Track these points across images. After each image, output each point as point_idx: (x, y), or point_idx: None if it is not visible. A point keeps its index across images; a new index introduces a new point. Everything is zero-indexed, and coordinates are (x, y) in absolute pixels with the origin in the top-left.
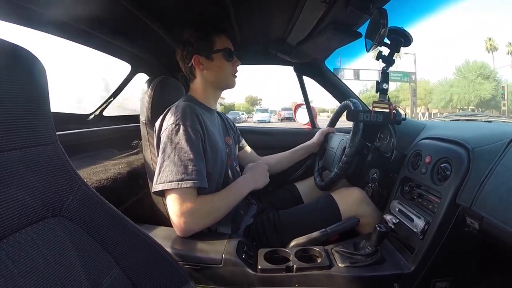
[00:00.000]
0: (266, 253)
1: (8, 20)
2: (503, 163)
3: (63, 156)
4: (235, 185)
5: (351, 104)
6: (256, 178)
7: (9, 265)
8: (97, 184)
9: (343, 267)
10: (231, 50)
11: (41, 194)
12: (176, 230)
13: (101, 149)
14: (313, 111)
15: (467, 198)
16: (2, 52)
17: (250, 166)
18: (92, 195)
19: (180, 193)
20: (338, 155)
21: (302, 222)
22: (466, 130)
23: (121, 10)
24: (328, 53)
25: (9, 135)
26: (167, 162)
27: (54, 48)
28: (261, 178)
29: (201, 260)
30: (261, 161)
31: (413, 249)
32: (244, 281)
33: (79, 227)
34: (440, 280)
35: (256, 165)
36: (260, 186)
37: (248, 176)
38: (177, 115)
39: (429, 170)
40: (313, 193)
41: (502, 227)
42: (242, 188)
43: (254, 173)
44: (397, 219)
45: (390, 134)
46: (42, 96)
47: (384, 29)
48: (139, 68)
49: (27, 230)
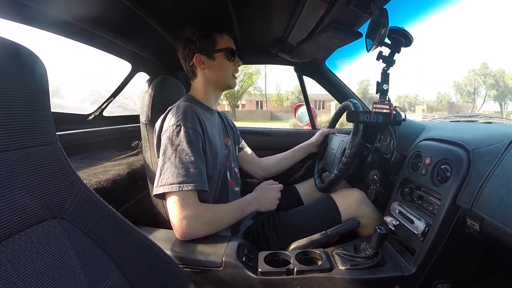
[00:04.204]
0: (266, 255)
1: (9, 18)
2: (503, 164)
3: (63, 156)
4: (241, 201)
5: (351, 104)
6: (263, 202)
7: (8, 268)
8: (97, 186)
9: (344, 269)
10: (233, 50)
11: (40, 195)
12: (176, 233)
13: (101, 150)
14: (313, 112)
15: (467, 200)
16: (3, 51)
17: (260, 188)
18: (92, 197)
19: (182, 196)
20: (338, 156)
21: (302, 224)
22: (466, 131)
23: (122, 9)
24: (328, 53)
25: (8, 135)
26: (168, 164)
27: (55, 47)
28: (268, 203)
29: (201, 263)
30: (278, 185)
31: (413, 251)
32: (244, 284)
33: (78, 229)
34: (441, 282)
35: (269, 188)
36: (264, 210)
37: (255, 197)
38: (178, 116)
39: (429, 171)
40: (313, 195)
41: (502, 229)
42: (248, 206)
43: (264, 196)
44: (397, 221)
45: (390, 135)
46: (42, 96)
47: (384, 29)
48: (140, 67)
49: (27, 233)
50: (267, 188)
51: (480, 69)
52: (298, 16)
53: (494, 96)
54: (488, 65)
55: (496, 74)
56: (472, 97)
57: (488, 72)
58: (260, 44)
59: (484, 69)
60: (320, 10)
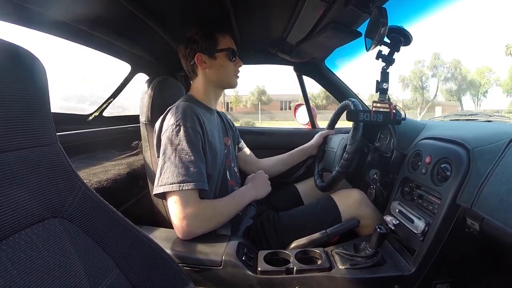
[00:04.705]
0: (266, 255)
1: (8, 20)
2: (504, 163)
3: (63, 156)
4: (238, 193)
5: (351, 104)
6: (258, 187)
7: (9, 266)
8: (97, 185)
9: (344, 269)
10: (235, 51)
11: (41, 195)
12: (177, 233)
13: (101, 150)
14: (313, 111)
15: (467, 199)
16: (2, 53)
17: (251, 177)
18: (92, 196)
19: (182, 195)
20: (338, 154)
21: (302, 224)
22: (466, 130)
23: (121, 10)
24: (328, 53)
25: (9, 136)
26: (168, 164)
27: (54, 49)
28: (263, 187)
29: (201, 262)
30: (261, 171)
31: (413, 250)
32: (244, 283)
33: (79, 228)
34: (441, 282)
35: (256, 175)
36: (262, 195)
37: (250, 186)
38: (177, 115)
39: (429, 170)
40: (313, 194)
41: (502, 228)
42: (245, 196)
43: (256, 182)
44: (397, 220)
45: (390, 134)
46: (42, 96)
47: (384, 28)
48: (139, 68)
49: (27, 232)
50: (255, 175)
51: (431, 60)
52: (297, 16)
53: (449, 90)
54: (440, 55)
55: (451, 65)
56: (420, 92)
57: (440, 63)
58: (260, 44)
59: (435, 60)
60: (319, 10)
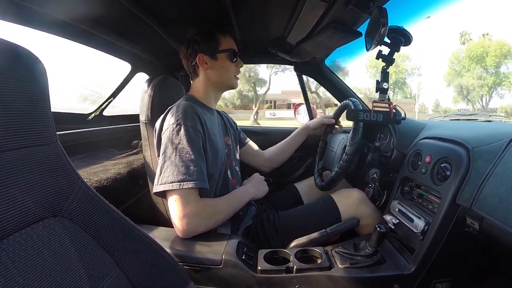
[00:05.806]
0: (266, 254)
1: (8, 20)
2: (503, 163)
3: (63, 156)
4: (238, 191)
5: (351, 103)
6: (257, 186)
7: (9, 265)
8: (97, 184)
9: (343, 268)
10: (236, 52)
11: (41, 194)
12: (177, 232)
13: (101, 149)
14: (313, 111)
15: (467, 198)
16: (3, 52)
17: (250, 178)
18: (92, 195)
19: (182, 194)
20: (338, 154)
21: (302, 223)
22: (466, 129)
23: (121, 9)
24: (328, 52)
25: (9, 135)
26: (168, 162)
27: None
28: (261, 186)
29: (201, 261)
30: (256, 173)
31: (413, 249)
32: (244, 282)
33: (79, 227)
34: (441, 281)
35: (253, 176)
36: (261, 194)
37: (248, 185)
38: (178, 115)
39: (429, 170)
40: (313, 193)
41: (502, 227)
42: (244, 194)
43: (254, 182)
44: (397, 219)
45: (390, 133)
46: (42, 96)
47: (384, 28)
48: (139, 68)
49: (27, 231)
50: (253, 176)
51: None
52: (297, 16)
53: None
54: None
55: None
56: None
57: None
58: (260, 44)
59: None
60: (320, 10)
